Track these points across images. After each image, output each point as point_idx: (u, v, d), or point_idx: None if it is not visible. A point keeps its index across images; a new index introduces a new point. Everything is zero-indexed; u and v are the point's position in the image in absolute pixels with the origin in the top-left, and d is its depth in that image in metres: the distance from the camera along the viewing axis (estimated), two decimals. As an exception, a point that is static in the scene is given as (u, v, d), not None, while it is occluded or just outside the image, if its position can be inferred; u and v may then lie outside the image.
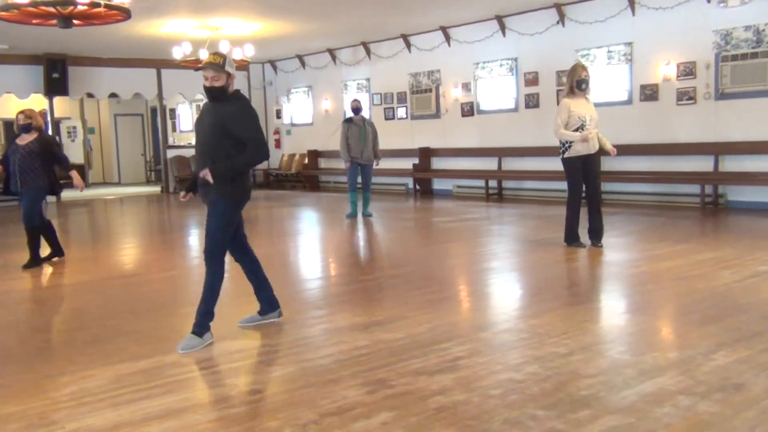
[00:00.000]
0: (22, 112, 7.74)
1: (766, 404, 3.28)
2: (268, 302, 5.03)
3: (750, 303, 5.12)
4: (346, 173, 11.49)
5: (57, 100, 17.46)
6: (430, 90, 15.37)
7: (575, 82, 7.49)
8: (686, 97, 11.14)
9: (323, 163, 18.47)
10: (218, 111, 4.56)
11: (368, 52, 16.58)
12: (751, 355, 3.95)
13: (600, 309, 5.47)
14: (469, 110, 14.66)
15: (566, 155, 7.55)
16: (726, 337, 4.29)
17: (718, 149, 10.87)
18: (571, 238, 7.70)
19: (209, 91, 4.59)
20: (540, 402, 3.39)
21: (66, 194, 17.46)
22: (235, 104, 4.60)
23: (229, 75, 4.56)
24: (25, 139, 7.60)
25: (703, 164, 11.06)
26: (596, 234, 7.63)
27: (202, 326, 4.53)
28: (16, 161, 7.51)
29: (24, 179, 7.53)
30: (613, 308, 5.48)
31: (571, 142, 7.47)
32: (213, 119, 4.56)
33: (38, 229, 7.75)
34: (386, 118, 16.37)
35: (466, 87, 14.63)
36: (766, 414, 3.17)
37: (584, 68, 7.63)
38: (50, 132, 16.74)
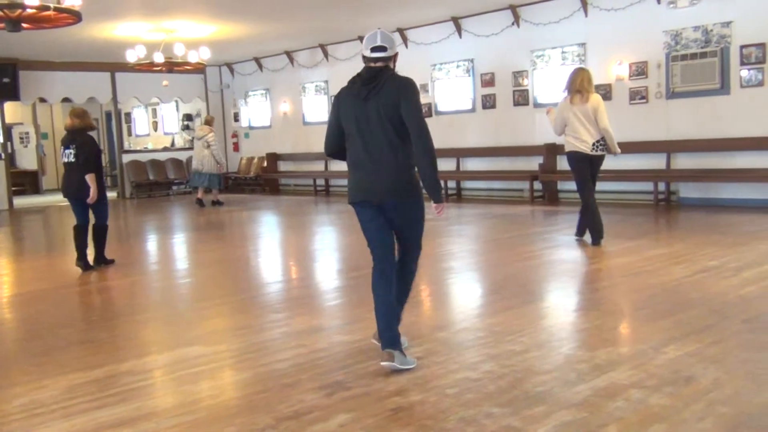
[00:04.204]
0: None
1: (713, 396, 3.36)
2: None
3: (700, 297, 5.24)
4: None
5: (8, 106, 17.08)
6: (388, 91, 15.36)
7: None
8: (638, 96, 11.36)
9: (282, 166, 18.37)
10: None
11: (326, 54, 16.55)
12: (700, 348, 4.05)
13: (555, 306, 5.55)
14: (426, 111, 14.73)
15: (566, 149, 7.65)
16: (676, 331, 4.40)
17: (669, 147, 11.11)
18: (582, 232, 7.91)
19: None
20: (495, 400, 3.43)
21: (18, 201, 17.20)
22: None
23: None
24: None
25: (655, 162, 11.29)
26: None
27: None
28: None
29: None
30: (567, 305, 5.56)
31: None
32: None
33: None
34: (345, 120, 16.32)
35: (424, 88, 14.66)
36: (714, 406, 3.25)
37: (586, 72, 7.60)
38: (1, 138, 16.38)
